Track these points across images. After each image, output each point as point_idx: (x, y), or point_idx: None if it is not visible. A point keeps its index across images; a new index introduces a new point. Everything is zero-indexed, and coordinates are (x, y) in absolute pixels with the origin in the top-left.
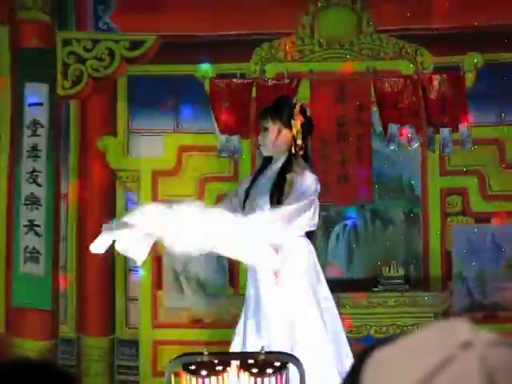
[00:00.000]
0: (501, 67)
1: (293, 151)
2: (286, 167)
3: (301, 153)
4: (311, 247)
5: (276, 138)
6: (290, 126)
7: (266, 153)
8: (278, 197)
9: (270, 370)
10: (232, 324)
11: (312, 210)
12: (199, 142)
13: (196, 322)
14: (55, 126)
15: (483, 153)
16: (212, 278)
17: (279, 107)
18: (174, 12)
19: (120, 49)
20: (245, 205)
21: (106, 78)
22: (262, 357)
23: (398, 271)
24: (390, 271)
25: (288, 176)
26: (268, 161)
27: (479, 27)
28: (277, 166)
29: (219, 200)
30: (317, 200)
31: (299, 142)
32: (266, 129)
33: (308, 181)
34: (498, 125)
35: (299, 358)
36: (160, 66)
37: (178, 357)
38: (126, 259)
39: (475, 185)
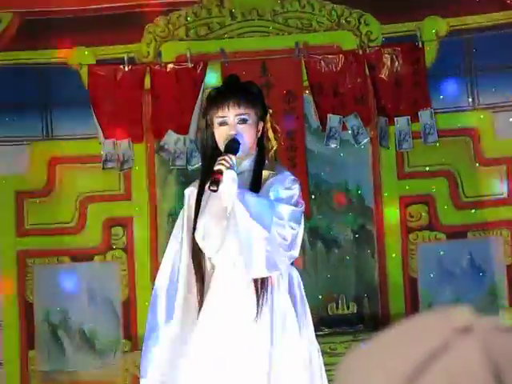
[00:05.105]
0: (470, 34)
1: (273, 148)
2: (261, 165)
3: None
4: None
5: (256, 135)
6: (263, 119)
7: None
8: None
9: None
10: None
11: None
12: (77, 151)
13: None
14: None
15: (452, 147)
16: (101, 329)
17: (252, 92)
18: None
19: None
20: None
21: None
22: None
23: (348, 308)
24: (337, 308)
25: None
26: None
27: None
28: (244, 166)
29: (106, 227)
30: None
31: (274, 142)
32: (244, 120)
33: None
34: (470, 110)
35: None
36: (22, 52)
37: None
38: None
39: (444, 189)
